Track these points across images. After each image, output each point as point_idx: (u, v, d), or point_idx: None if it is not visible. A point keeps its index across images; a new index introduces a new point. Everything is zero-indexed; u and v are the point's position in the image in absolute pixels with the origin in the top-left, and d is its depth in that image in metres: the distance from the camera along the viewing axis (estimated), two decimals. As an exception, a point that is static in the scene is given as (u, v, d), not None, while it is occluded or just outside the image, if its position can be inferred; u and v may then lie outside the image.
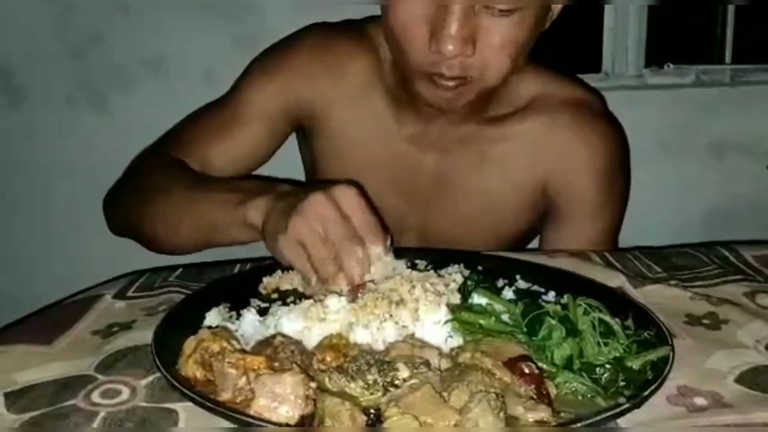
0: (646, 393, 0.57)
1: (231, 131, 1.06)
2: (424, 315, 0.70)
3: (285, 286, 0.81)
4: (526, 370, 0.58)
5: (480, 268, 0.85)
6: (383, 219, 0.79)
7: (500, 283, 0.82)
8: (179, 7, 1.63)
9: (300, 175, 1.23)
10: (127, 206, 1.03)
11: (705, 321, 0.76)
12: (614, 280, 0.86)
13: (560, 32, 0.99)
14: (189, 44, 1.64)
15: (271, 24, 1.61)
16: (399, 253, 0.89)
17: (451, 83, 0.90)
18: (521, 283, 0.83)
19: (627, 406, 0.55)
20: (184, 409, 0.57)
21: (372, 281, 0.73)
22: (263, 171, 1.15)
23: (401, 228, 1.09)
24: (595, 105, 1.11)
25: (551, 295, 0.79)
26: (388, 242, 0.76)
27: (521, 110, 1.06)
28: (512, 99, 1.06)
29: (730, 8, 1.74)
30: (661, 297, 0.82)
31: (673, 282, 0.86)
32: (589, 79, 1.74)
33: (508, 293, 0.77)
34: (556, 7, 0.96)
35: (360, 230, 0.73)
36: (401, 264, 0.78)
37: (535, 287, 0.82)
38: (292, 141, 1.18)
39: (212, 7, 1.64)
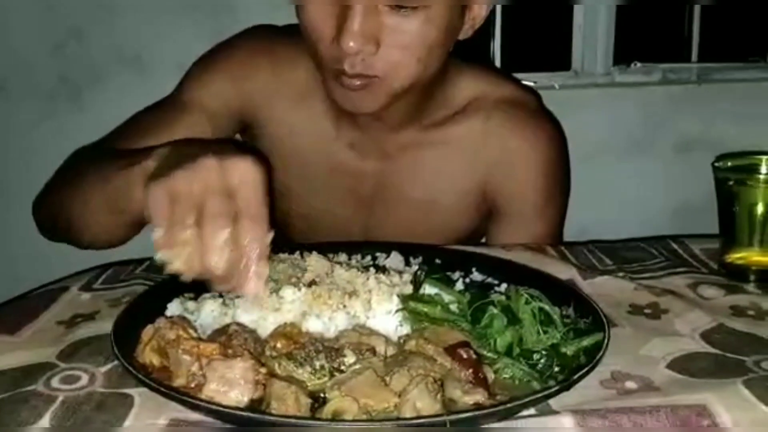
0: (575, 377, 0.60)
1: (172, 126, 1.03)
2: (377, 305, 0.73)
3: None
4: (464, 356, 0.62)
5: (438, 261, 0.89)
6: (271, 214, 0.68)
7: (456, 275, 0.85)
8: (157, 4, 1.65)
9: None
10: (51, 203, 1.00)
11: (647, 311, 0.80)
12: (566, 272, 0.90)
13: (531, 31, 1.01)
14: (166, 41, 1.66)
15: (246, 22, 1.62)
16: (361, 246, 0.93)
17: (355, 82, 0.89)
18: (476, 275, 0.87)
19: (557, 388, 0.59)
20: (138, 394, 0.60)
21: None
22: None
23: (346, 233, 1.09)
24: (530, 103, 1.11)
25: (504, 287, 0.83)
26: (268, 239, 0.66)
27: (459, 113, 1.07)
28: (449, 102, 1.06)
29: (696, 7, 1.78)
30: (608, 288, 0.86)
31: (621, 274, 0.90)
32: (559, 77, 1.78)
33: (460, 284, 0.81)
34: (477, 12, 0.96)
35: (244, 212, 0.64)
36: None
37: (490, 279, 0.86)
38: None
39: (189, 5, 1.66)
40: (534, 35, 0.98)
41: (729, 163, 0.92)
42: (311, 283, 0.75)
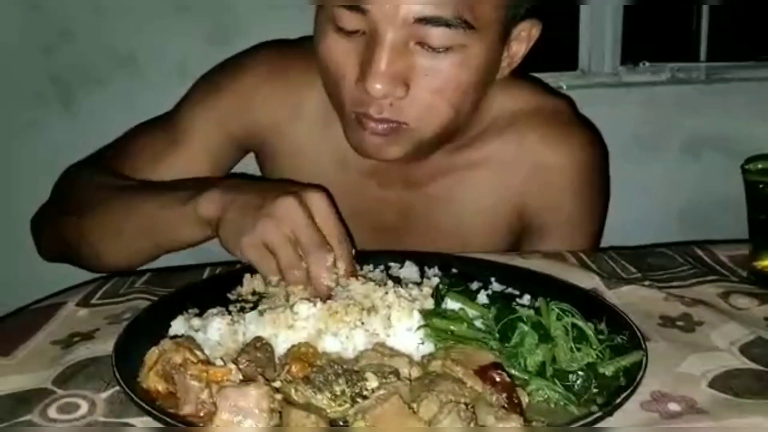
0: (617, 401, 0.56)
1: (170, 156, 0.98)
2: (397, 321, 0.68)
3: (260, 289, 0.79)
4: (497, 379, 0.57)
5: (454, 270, 0.84)
6: (348, 229, 0.76)
7: (475, 285, 0.81)
8: (151, 2, 1.60)
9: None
10: (63, 224, 0.94)
11: (679, 323, 0.76)
12: (589, 281, 0.85)
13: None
14: (161, 40, 1.61)
15: (244, 19, 1.58)
16: (375, 256, 0.88)
17: (379, 127, 0.81)
18: (496, 286, 0.82)
19: (599, 414, 0.54)
20: (143, 423, 0.55)
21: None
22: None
23: None
24: (563, 112, 1.03)
25: (526, 299, 0.78)
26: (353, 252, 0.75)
27: (488, 130, 0.98)
28: (478, 120, 0.97)
29: (705, 6, 1.75)
30: (635, 298, 0.81)
31: (647, 283, 0.86)
32: (566, 77, 1.74)
33: (483, 297, 0.76)
34: (516, 50, 0.88)
35: (329, 238, 0.71)
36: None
37: (510, 290, 0.81)
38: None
39: (184, 3, 1.61)
40: (540, 34, 0.93)
41: (760, 165, 0.87)
42: (327, 298, 0.70)
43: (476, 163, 0.99)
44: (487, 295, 0.76)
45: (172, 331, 0.69)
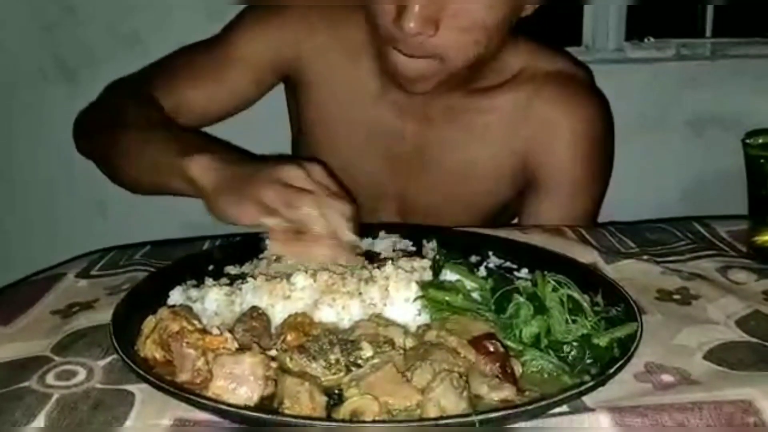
0: (610, 371, 0.56)
1: (214, 75, 1.05)
2: (395, 292, 0.68)
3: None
4: (491, 349, 0.57)
5: (453, 243, 0.84)
6: (352, 195, 0.79)
7: (473, 259, 0.81)
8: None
9: (284, 128, 1.22)
10: (96, 135, 1.03)
11: (676, 296, 0.76)
12: (588, 255, 0.85)
13: (541, 5, 0.97)
14: (163, 18, 1.60)
15: (245, -3, 1.57)
16: (371, 228, 0.88)
17: (411, 60, 0.89)
18: (494, 259, 0.82)
19: (591, 383, 0.55)
20: (140, 390, 0.56)
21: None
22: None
23: (380, 194, 1.09)
24: (581, 78, 1.09)
25: (524, 272, 0.78)
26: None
27: (507, 82, 1.05)
28: (499, 71, 1.04)
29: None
30: (633, 272, 0.81)
31: (645, 257, 0.86)
32: (570, 52, 1.73)
33: (483, 271, 0.76)
34: None
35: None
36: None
37: (508, 263, 0.82)
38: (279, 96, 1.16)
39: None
40: (544, 9, 0.95)
41: (760, 140, 0.87)
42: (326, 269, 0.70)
43: (490, 109, 1.05)
44: (486, 268, 0.76)
45: (170, 302, 0.69)
